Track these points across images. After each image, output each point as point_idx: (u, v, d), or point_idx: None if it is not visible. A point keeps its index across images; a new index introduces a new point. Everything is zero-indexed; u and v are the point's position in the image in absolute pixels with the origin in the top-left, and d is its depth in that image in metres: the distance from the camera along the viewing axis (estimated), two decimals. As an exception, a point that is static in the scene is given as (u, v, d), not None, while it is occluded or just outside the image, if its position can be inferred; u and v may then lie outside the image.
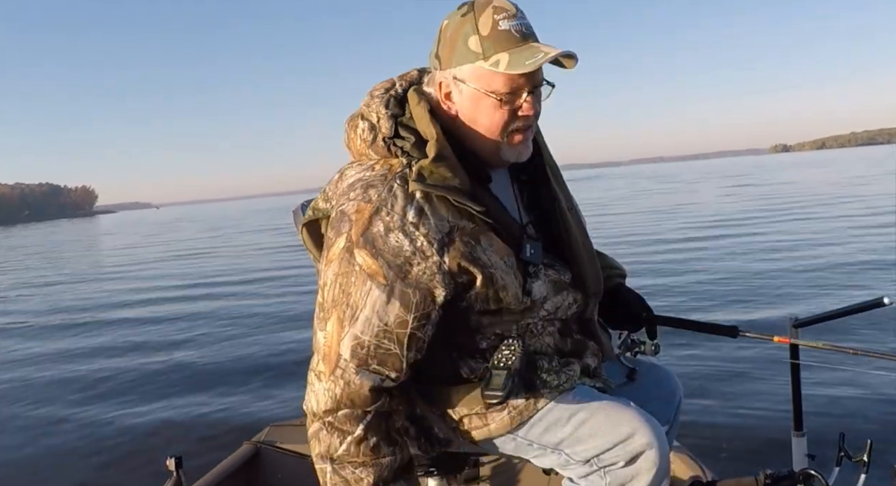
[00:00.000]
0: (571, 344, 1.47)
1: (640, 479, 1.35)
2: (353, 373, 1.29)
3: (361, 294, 1.27)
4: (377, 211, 1.29)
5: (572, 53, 1.28)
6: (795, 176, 37.58)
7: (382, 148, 1.36)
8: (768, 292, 7.33)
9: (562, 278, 1.42)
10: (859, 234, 11.33)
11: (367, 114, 1.38)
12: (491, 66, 1.27)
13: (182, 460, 2.19)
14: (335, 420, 1.31)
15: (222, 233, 31.03)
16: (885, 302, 1.63)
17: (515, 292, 1.35)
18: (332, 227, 1.35)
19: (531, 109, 1.33)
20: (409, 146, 1.33)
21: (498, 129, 1.34)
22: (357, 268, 1.28)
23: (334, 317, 1.30)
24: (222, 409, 4.91)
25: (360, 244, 1.28)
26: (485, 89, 1.31)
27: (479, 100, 1.32)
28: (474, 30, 1.28)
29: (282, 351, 6.49)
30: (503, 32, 1.27)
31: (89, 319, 9.77)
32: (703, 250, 11.05)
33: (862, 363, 1.74)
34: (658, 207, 22.56)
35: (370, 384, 1.29)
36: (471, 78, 1.31)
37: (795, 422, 1.86)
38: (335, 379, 1.29)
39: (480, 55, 1.28)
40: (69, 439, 4.58)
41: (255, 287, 11.25)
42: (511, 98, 1.31)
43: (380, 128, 1.36)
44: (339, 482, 1.33)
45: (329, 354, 1.30)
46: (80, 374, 6.39)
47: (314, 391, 1.32)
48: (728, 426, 3.78)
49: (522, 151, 1.39)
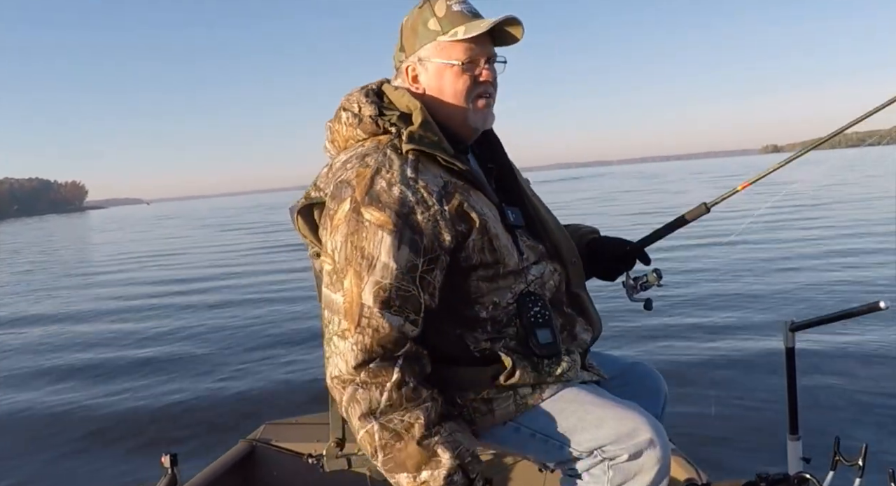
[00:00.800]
0: (563, 318, 1.51)
1: (643, 475, 1.37)
2: (380, 317, 1.31)
3: (375, 244, 1.33)
4: (377, 171, 1.37)
5: (515, 17, 1.44)
6: (808, 175, 37.61)
7: (370, 124, 1.46)
8: (766, 294, 7.35)
9: (539, 247, 1.52)
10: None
11: (349, 105, 1.50)
12: (450, 37, 1.45)
13: (177, 457, 2.19)
14: (369, 373, 1.31)
15: (213, 228, 31.02)
16: (881, 306, 1.63)
17: (508, 245, 1.43)
18: (332, 198, 1.40)
19: (490, 75, 1.49)
20: (395, 118, 1.45)
21: (462, 95, 1.48)
22: (367, 223, 1.34)
23: (351, 273, 1.33)
24: (218, 406, 4.92)
25: (366, 202, 1.34)
26: (446, 60, 1.47)
27: (442, 72, 1.48)
28: (432, 14, 1.47)
29: (281, 350, 6.48)
30: (456, 12, 1.46)
31: (82, 311, 9.76)
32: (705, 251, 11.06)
33: (858, 367, 1.75)
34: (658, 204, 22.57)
35: (398, 325, 1.33)
36: (433, 54, 1.48)
37: (791, 425, 1.86)
38: (362, 329, 1.31)
39: (440, 32, 1.46)
40: (66, 436, 4.57)
41: (253, 282, 11.26)
42: (471, 66, 1.47)
43: (363, 112, 1.47)
44: (388, 438, 1.32)
45: (351, 307, 1.32)
46: (76, 370, 6.39)
47: (340, 353, 1.33)
48: (723, 429, 3.79)
49: (487, 116, 1.53)
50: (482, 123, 1.54)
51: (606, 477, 1.38)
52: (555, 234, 1.58)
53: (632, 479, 1.37)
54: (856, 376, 4.44)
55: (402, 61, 1.53)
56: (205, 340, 7.29)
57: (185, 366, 6.20)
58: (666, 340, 5.43)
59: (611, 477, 1.38)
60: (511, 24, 1.46)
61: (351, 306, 1.32)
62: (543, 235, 1.55)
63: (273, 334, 7.27)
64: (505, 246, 1.43)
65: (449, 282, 1.40)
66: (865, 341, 5.09)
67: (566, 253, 1.57)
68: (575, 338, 1.52)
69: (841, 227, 13.21)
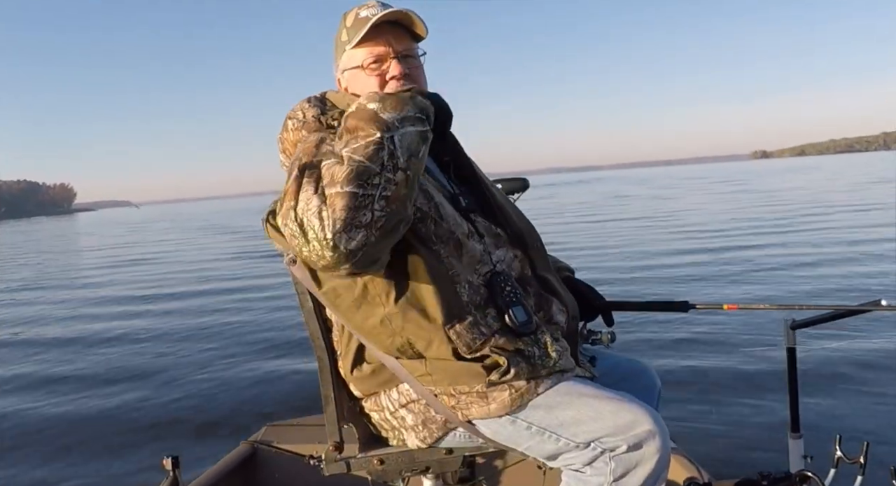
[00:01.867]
0: (535, 298, 1.51)
1: (644, 465, 1.36)
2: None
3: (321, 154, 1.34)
4: (322, 140, 1.38)
5: (402, 11, 1.49)
6: (797, 181, 37.62)
7: (313, 123, 1.50)
8: (766, 293, 7.34)
9: (497, 231, 1.54)
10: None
11: (293, 114, 1.54)
12: (351, 45, 1.52)
13: (179, 459, 2.19)
14: (308, 177, 1.28)
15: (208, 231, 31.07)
16: (882, 304, 1.63)
17: (459, 223, 1.47)
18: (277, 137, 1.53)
19: (399, 70, 1.52)
20: (337, 114, 1.48)
21: None
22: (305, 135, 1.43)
23: (294, 169, 1.31)
24: (219, 408, 4.92)
25: (314, 154, 1.34)
26: (354, 66, 1.55)
27: (356, 78, 1.56)
28: (343, 25, 1.55)
29: (279, 349, 6.49)
30: (362, 19, 1.51)
31: (77, 313, 9.78)
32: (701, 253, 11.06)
33: (859, 364, 1.75)
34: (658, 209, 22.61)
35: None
36: (346, 63, 1.57)
37: (792, 424, 1.86)
38: (296, 183, 1.29)
39: (347, 41, 1.54)
40: (65, 437, 4.58)
41: (251, 285, 11.27)
42: (376, 66, 1.53)
43: (307, 115, 1.52)
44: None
45: (289, 185, 1.30)
46: (75, 370, 6.40)
47: (289, 201, 1.27)
48: (725, 427, 3.78)
49: None
50: None
51: (609, 469, 1.37)
52: (513, 219, 1.60)
53: (633, 469, 1.37)
54: (857, 374, 4.43)
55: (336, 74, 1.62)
56: (205, 342, 7.29)
57: (186, 368, 6.19)
58: (665, 339, 5.44)
59: (613, 468, 1.37)
60: (404, 18, 1.51)
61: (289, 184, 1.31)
62: (503, 221, 1.57)
63: (273, 336, 7.26)
64: (452, 216, 1.46)
65: (419, 252, 1.39)
66: (867, 338, 5.09)
67: (528, 237, 1.58)
68: (551, 319, 1.52)
69: (842, 228, 13.21)
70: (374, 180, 1.26)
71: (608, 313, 1.75)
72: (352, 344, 1.53)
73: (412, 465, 1.57)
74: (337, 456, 1.58)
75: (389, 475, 1.61)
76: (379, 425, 1.58)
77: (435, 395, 1.45)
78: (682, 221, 17.21)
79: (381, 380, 1.51)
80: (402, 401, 1.50)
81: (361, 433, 1.60)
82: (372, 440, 1.61)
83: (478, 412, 1.43)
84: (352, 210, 1.23)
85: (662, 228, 15.61)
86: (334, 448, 1.58)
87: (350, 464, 1.58)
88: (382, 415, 1.55)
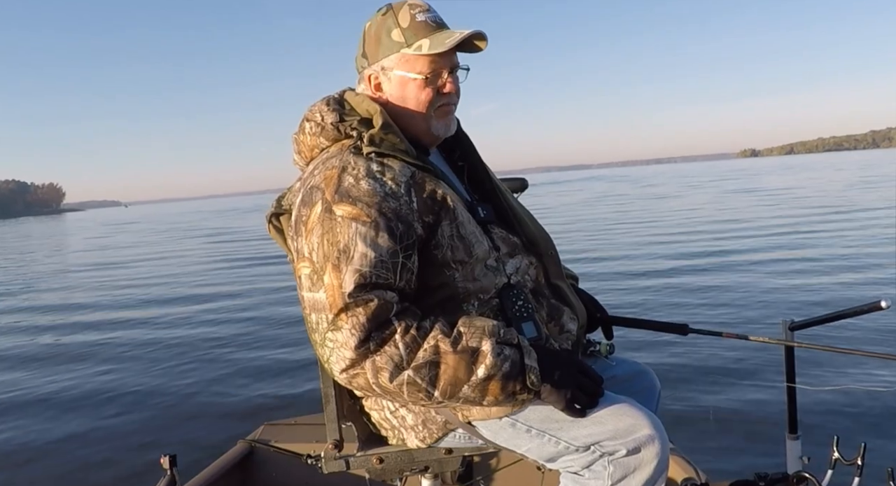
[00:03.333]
0: (547, 309, 1.52)
1: (642, 470, 1.37)
2: (366, 294, 1.32)
3: (351, 236, 1.34)
4: (343, 169, 1.39)
5: (482, 33, 1.46)
6: (794, 180, 37.65)
7: (332, 130, 1.49)
8: (765, 295, 7.35)
9: (513, 240, 1.53)
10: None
11: (311, 116, 1.52)
12: (414, 50, 1.46)
13: (176, 458, 2.19)
14: (376, 341, 1.31)
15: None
16: (882, 305, 1.63)
17: (476, 233, 1.45)
18: (304, 204, 1.42)
19: (453, 87, 1.51)
20: (356, 123, 1.47)
21: (425, 106, 1.50)
22: (339, 219, 1.35)
23: (329, 268, 1.34)
24: (217, 407, 4.91)
25: (337, 200, 1.36)
26: (410, 73, 1.48)
27: (406, 83, 1.49)
28: (395, 24, 1.47)
29: (279, 351, 6.48)
30: (421, 23, 1.47)
31: (68, 315, 9.76)
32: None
33: (857, 365, 1.75)
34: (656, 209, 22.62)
35: (382, 295, 1.33)
36: (396, 65, 1.49)
37: (790, 425, 1.86)
38: (352, 312, 1.31)
39: (403, 44, 1.47)
40: (63, 436, 4.57)
41: (249, 284, 11.26)
42: (434, 78, 1.49)
43: (325, 120, 1.50)
44: (427, 372, 1.31)
45: (335, 299, 1.32)
46: (74, 370, 6.38)
47: (339, 344, 1.31)
48: (722, 428, 3.79)
49: (450, 124, 1.56)
50: (445, 131, 1.56)
51: (607, 472, 1.38)
52: (529, 227, 1.59)
53: (632, 473, 1.37)
54: (855, 376, 4.44)
55: (364, 68, 1.54)
56: (203, 340, 7.29)
57: (184, 366, 6.19)
58: (664, 339, 5.43)
59: (611, 472, 1.38)
60: (477, 38, 1.47)
61: (334, 297, 1.32)
62: (518, 229, 1.56)
63: (271, 334, 7.27)
64: (473, 233, 1.44)
65: (430, 279, 1.41)
66: (865, 339, 5.10)
67: (542, 245, 1.58)
68: (563, 329, 1.53)
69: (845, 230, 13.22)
70: (420, 395, 1.32)
71: (609, 327, 1.75)
72: None
73: (411, 464, 1.57)
74: (336, 454, 1.58)
75: (388, 474, 1.61)
76: (379, 423, 1.58)
77: None
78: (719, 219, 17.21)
79: None
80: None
81: (361, 431, 1.60)
82: (371, 438, 1.61)
83: (479, 412, 1.43)
84: (381, 389, 1.33)
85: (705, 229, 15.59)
86: (334, 446, 1.57)
87: (349, 462, 1.58)
88: (382, 414, 1.55)
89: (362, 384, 1.33)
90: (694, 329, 1.76)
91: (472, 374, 1.30)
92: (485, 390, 1.31)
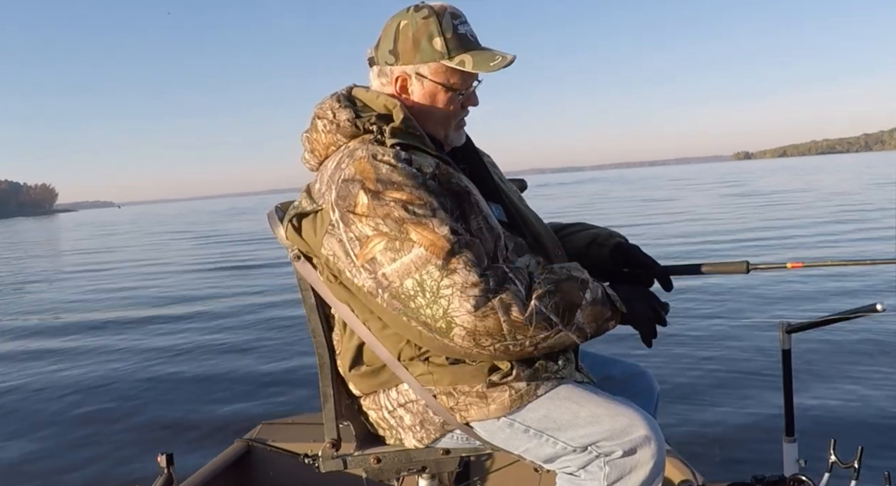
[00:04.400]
0: None
1: (638, 471, 1.37)
2: (462, 236, 1.33)
3: (413, 212, 1.33)
4: (373, 157, 1.38)
5: (515, 56, 1.48)
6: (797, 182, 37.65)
7: (349, 127, 1.47)
8: (762, 295, 7.35)
9: (520, 240, 1.53)
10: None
11: (322, 114, 1.51)
12: (456, 64, 1.46)
13: (173, 456, 2.19)
14: (492, 278, 1.31)
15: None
16: (877, 308, 1.63)
17: (499, 232, 1.46)
18: (341, 198, 1.37)
19: (476, 100, 1.56)
20: (374, 119, 1.46)
21: (451, 118, 1.54)
22: (392, 203, 1.34)
23: (411, 226, 1.32)
24: (214, 406, 4.91)
25: (381, 188, 1.35)
26: (445, 84, 1.49)
27: (437, 93, 1.51)
28: (439, 32, 1.46)
29: (276, 350, 6.48)
30: (462, 36, 1.48)
31: (70, 318, 9.75)
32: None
33: (855, 367, 1.75)
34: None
35: (473, 239, 1.36)
36: (433, 74, 1.49)
37: (787, 428, 1.86)
38: (460, 253, 1.31)
39: (445, 55, 1.46)
40: (62, 435, 4.56)
41: (249, 281, 11.26)
42: (465, 94, 1.53)
43: (339, 117, 1.48)
44: (548, 304, 1.32)
45: (436, 245, 1.30)
46: (73, 370, 6.37)
47: (457, 284, 1.28)
48: (719, 430, 3.78)
49: (463, 135, 1.61)
50: (458, 141, 1.60)
51: (603, 473, 1.38)
52: (535, 227, 1.60)
53: (628, 474, 1.37)
54: (852, 378, 4.45)
55: (391, 65, 1.51)
56: (200, 340, 7.28)
57: (180, 365, 6.19)
58: (661, 341, 5.42)
59: (607, 473, 1.38)
60: (508, 64, 1.49)
61: (435, 244, 1.30)
62: (524, 229, 1.57)
63: (270, 333, 7.26)
64: (498, 226, 1.47)
65: None
66: (862, 341, 5.10)
67: (549, 246, 1.58)
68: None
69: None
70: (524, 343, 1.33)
71: (666, 276, 1.62)
72: (353, 342, 1.53)
73: (409, 464, 1.57)
74: (334, 453, 1.58)
75: (385, 474, 1.61)
76: (377, 423, 1.58)
77: (434, 395, 1.45)
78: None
79: (381, 379, 1.51)
80: (400, 400, 1.50)
81: (359, 431, 1.60)
82: (369, 438, 1.61)
83: (477, 413, 1.43)
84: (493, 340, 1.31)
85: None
86: (331, 445, 1.58)
87: (346, 462, 1.58)
88: (380, 414, 1.55)
89: (491, 327, 1.29)
90: (755, 266, 1.61)
91: (582, 298, 1.35)
92: (591, 316, 1.36)
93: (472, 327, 1.29)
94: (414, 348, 1.44)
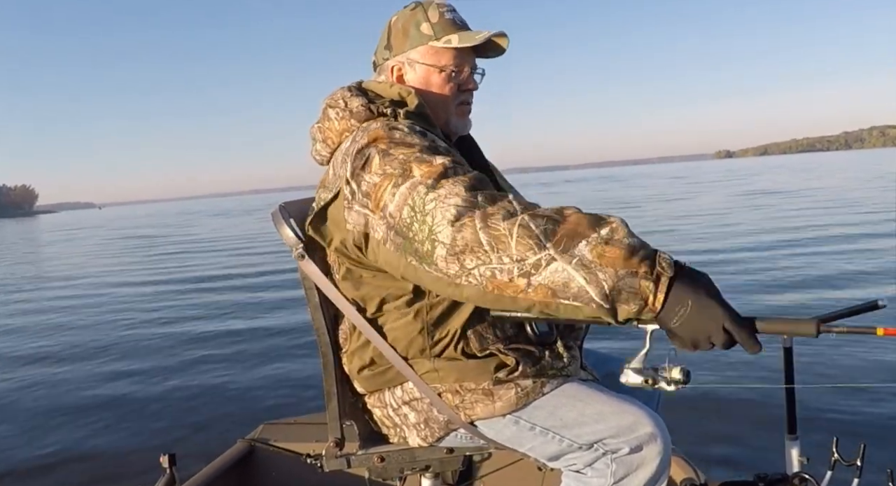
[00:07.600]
0: None
1: (645, 468, 1.38)
2: (464, 168, 1.32)
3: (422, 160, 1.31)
4: (388, 125, 1.38)
5: (505, 33, 1.51)
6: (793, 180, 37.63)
7: (363, 111, 1.46)
8: (763, 294, 7.35)
9: None
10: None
11: (334, 103, 1.51)
12: (443, 44, 1.50)
13: (176, 457, 2.19)
14: (484, 195, 1.22)
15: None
16: (878, 305, 1.63)
17: None
18: (360, 168, 1.35)
19: (475, 84, 1.58)
20: (388, 103, 1.46)
21: (447, 100, 1.55)
22: (401, 157, 1.31)
23: (414, 163, 1.29)
24: (216, 406, 4.91)
25: (393, 146, 1.33)
26: (436, 65, 1.53)
27: (430, 75, 1.54)
28: (425, 18, 1.52)
29: (279, 350, 6.48)
30: (449, 20, 1.53)
31: (59, 317, 9.75)
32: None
33: (857, 366, 1.75)
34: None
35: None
36: (423, 57, 1.53)
37: (789, 425, 1.86)
38: (454, 177, 1.26)
39: (432, 37, 1.51)
40: (63, 435, 4.56)
41: (250, 281, 11.26)
42: (458, 74, 1.54)
43: (351, 105, 1.47)
44: (541, 225, 1.15)
45: (432, 170, 1.26)
46: (72, 370, 6.37)
47: (441, 195, 1.22)
48: (722, 428, 3.79)
49: (467, 123, 1.61)
50: (462, 128, 1.61)
51: (610, 470, 1.38)
52: None
53: (634, 471, 1.38)
54: (854, 376, 4.44)
55: (387, 59, 1.57)
56: (201, 340, 7.28)
57: (183, 366, 6.19)
58: (662, 340, 5.43)
59: (614, 470, 1.38)
60: (500, 37, 1.53)
61: (431, 169, 1.27)
62: None
63: (270, 333, 7.26)
64: None
65: None
66: (863, 340, 5.10)
67: None
68: (572, 328, 1.54)
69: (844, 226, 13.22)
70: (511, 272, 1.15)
71: None
72: (360, 340, 1.53)
73: (413, 463, 1.57)
74: (337, 452, 1.58)
75: (389, 473, 1.61)
76: (381, 422, 1.58)
77: (439, 393, 1.46)
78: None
79: (387, 377, 1.52)
80: (405, 398, 1.51)
81: (362, 429, 1.60)
82: (373, 437, 1.61)
83: (482, 411, 1.43)
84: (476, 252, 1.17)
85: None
86: (335, 444, 1.57)
87: (350, 460, 1.58)
88: (385, 412, 1.55)
89: (469, 238, 1.17)
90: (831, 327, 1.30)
91: (594, 231, 1.13)
92: (602, 254, 1.10)
93: (451, 241, 1.18)
94: (420, 345, 1.44)
